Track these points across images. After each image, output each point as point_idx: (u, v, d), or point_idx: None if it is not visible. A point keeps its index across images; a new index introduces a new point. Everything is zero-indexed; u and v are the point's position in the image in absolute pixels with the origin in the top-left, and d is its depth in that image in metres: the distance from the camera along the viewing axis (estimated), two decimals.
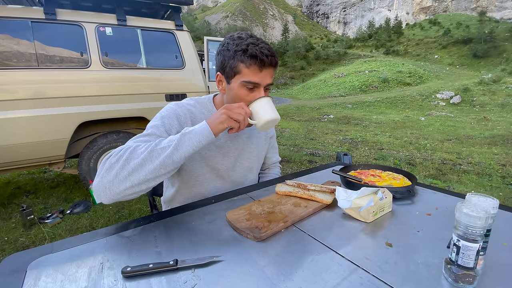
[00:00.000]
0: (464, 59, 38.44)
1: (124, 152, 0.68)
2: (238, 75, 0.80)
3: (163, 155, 0.66)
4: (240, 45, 0.77)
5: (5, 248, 1.98)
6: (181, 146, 0.68)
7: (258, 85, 0.80)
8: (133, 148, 0.68)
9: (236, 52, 0.78)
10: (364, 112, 12.08)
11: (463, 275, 0.48)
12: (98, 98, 2.50)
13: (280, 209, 0.78)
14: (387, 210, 0.78)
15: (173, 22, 2.90)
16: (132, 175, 0.65)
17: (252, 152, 1.03)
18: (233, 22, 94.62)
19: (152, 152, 0.67)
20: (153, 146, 0.68)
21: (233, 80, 0.81)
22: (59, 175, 3.54)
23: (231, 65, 0.79)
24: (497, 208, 0.52)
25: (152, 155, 0.66)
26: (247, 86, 0.80)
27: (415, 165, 4.13)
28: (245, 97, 0.81)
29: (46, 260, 0.58)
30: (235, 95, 0.82)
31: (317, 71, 39.65)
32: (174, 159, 0.67)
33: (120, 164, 0.66)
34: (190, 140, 0.69)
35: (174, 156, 0.67)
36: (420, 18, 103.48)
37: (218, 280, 0.51)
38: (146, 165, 0.66)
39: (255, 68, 0.78)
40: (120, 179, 0.65)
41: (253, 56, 0.76)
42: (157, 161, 0.66)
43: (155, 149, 0.67)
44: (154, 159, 0.66)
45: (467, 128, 8.07)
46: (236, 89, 0.81)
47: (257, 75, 0.79)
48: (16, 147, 2.22)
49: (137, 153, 0.67)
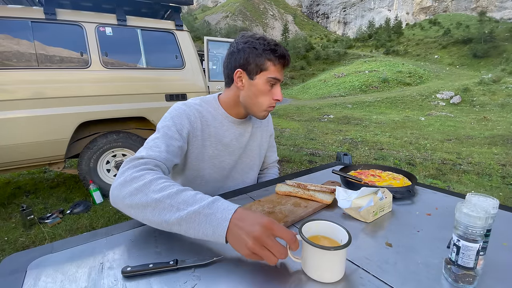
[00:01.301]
0: (464, 59, 38.45)
1: (142, 175, 0.62)
2: (264, 72, 0.86)
3: (165, 217, 0.56)
4: (268, 45, 0.84)
5: (5, 248, 1.98)
6: (186, 223, 0.55)
7: (278, 81, 0.88)
8: (152, 179, 0.61)
9: (265, 51, 0.84)
10: (364, 112, 12.08)
11: (463, 275, 0.48)
12: (98, 98, 2.50)
13: (280, 209, 0.78)
14: (387, 210, 0.78)
15: (173, 22, 2.90)
16: (133, 209, 0.60)
17: (254, 150, 1.05)
18: (233, 22, 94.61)
19: (158, 203, 0.57)
20: (166, 195, 0.58)
21: (257, 76, 0.86)
22: (59, 175, 3.54)
23: (258, 62, 0.85)
24: (497, 208, 0.52)
25: (157, 205, 0.57)
26: (271, 82, 0.87)
27: (415, 165, 4.13)
28: (267, 92, 0.88)
29: (46, 260, 0.58)
30: (258, 90, 0.87)
31: (317, 71, 39.64)
32: (172, 228, 0.57)
33: (130, 190, 0.61)
34: (200, 225, 0.54)
35: (173, 227, 0.57)
36: (420, 18, 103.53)
37: (218, 280, 0.51)
38: (147, 212, 0.58)
39: (280, 66, 0.87)
40: (124, 204, 0.61)
41: (282, 56, 0.85)
42: (156, 217, 0.57)
43: (163, 202, 0.57)
44: (156, 213, 0.57)
45: (467, 128, 8.07)
46: (261, 85, 0.87)
47: (280, 72, 0.88)
48: (16, 147, 2.22)
49: (150, 188, 0.60)
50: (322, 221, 0.58)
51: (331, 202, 0.82)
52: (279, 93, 0.89)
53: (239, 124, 0.98)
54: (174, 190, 0.59)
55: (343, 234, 0.53)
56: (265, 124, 1.12)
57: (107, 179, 2.80)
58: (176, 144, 0.81)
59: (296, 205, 0.80)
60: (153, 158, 0.71)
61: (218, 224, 0.52)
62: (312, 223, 0.57)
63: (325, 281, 0.50)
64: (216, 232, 0.52)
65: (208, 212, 0.54)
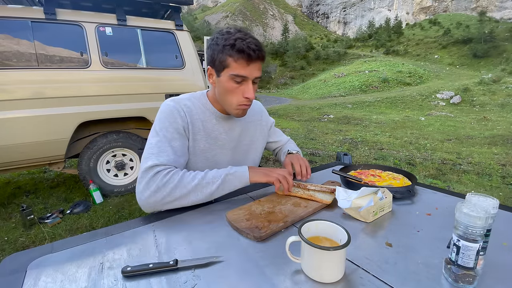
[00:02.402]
0: (464, 59, 38.44)
1: (171, 177, 0.77)
2: (226, 69, 0.83)
3: (207, 192, 0.79)
4: (229, 40, 0.80)
5: (5, 248, 1.98)
6: (222, 186, 0.80)
7: (246, 78, 0.83)
8: (180, 177, 0.78)
9: (225, 47, 0.80)
10: (364, 112, 12.07)
11: (463, 275, 0.48)
12: (98, 98, 2.50)
13: (280, 209, 0.78)
14: (387, 210, 0.78)
15: (173, 22, 2.90)
16: (177, 201, 0.77)
17: (248, 144, 1.05)
18: (233, 22, 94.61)
19: (197, 186, 0.78)
20: (199, 179, 0.79)
21: (222, 73, 0.84)
22: (59, 175, 3.54)
23: (220, 59, 0.82)
24: (497, 208, 0.52)
25: (197, 188, 0.78)
26: (235, 80, 0.83)
27: (415, 165, 4.13)
28: (234, 90, 0.85)
29: (46, 260, 0.58)
30: (224, 87, 0.85)
31: (317, 71, 39.65)
32: (214, 195, 0.80)
33: (168, 191, 0.76)
34: (230, 182, 0.81)
35: (215, 194, 0.80)
36: (420, 18, 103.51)
37: (218, 280, 0.51)
38: (191, 196, 0.78)
39: (243, 62, 0.80)
40: (165, 202, 0.77)
41: (241, 51, 0.79)
42: (201, 195, 0.78)
43: (201, 184, 0.78)
44: (199, 193, 0.78)
45: (467, 128, 8.07)
46: (225, 82, 0.84)
47: (245, 69, 0.81)
48: (16, 147, 2.22)
49: (184, 182, 0.77)
50: (322, 221, 0.58)
51: (331, 202, 0.82)
52: (249, 90, 0.84)
53: (227, 119, 0.98)
54: (202, 173, 0.81)
55: (343, 234, 0.53)
56: (258, 118, 1.10)
57: (107, 179, 2.80)
58: (178, 144, 0.85)
59: (296, 205, 0.80)
60: (166, 163, 0.80)
61: (241, 175, 0.83)
62: (311, 223, 0.57)
63: (325, 281, 0.50)
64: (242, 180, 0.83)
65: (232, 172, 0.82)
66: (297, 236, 0.53)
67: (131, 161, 2.89)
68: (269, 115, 1.20)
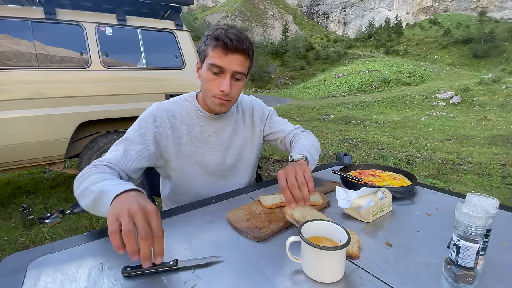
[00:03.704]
0: (464, 59, 38.45)
1: (88, 171, 0.70)
2: (206, 58, 0.83)
3: (85, 201, 0.64)
4: (211, 31, 0.81)
5: (5, 248, 1.98)
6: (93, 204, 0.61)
7: (223, 69, 0.81)
8: (92, 174, 0.68)
9: (207, 37, 0.81)
10: (364, 112, 12.07)
11: (463, 275, 0.48)
12: (98, 98, 2.50)
13: (280, 209, 0.78)
14: (387, 210, 0.78)
15: (173, 22, 2.90)
16: (79, 199, 0.67)
17: (241, 143, 1.01)
18: (233, 22, 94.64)
19: (85, 191, 0.64)
20: (89, 183, 0.64)
21: (203, 64, 0.84)
22: (59, 175, 3.54)
23: (202, 49, 0.83)
24: (497, 208, 0.52)
25: (84, 193, 0.64)
26: (212, 70, 0.81)
27: (415, 165, 4.13)
28: (211, 81, 0.83)
29: (46, 260, 0.58)
30: (203, 78, 0.85)
31: (317, 71, 39.66)
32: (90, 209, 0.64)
33: (76, 184, 0.69)
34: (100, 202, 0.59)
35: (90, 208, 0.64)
36: (420, 18, 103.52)
37: (218, 280, 0.51)
38: (81, 200, 0.66)
39: (219, 51, 0.79)
40: (76, 195, 0.68)
41: (217, 39, 0.78)
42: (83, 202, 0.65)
43: (87, 189, 0.64)
44: (83, 199, 0.65)
45: (467, 128, 8.07)
46: (204, 72, 0.84)
47: (221, 59, 0.79)
48: (16, 147, 2.22)
49: (85, 182, 0.66)
50: (322, 221, 0.58)
51: (321, 202, 0.81)
52: (224, 83, 0.80)
53: (216, 119, 0.95)
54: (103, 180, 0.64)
55: (343, 234, 0.53)
56: (249, 111, 1.04)
57: None
58: (135, 148, 0.82)
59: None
60: (107, 161, 0.76)
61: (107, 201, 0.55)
62: (311, 223, 0.57)
63: (325, 281, 0.50)
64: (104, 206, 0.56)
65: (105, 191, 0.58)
66: (297, 236, 0.53)
67: None
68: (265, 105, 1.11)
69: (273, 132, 1.08)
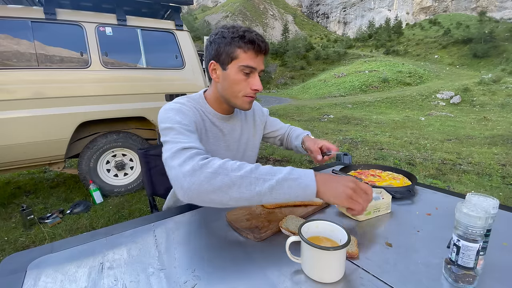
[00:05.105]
0: (464, 59, 38.45)
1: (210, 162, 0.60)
2: (235, 60, 0.82)
3: (254, 189, 0.57)
4: (237, 32, 0.80)
5: (5, 248, 1.98)
6: (276, 190, 0.57)
7: (254, 69, 0.83)
8: (222, 163, 0.60)
9: (233, 39, 0.80)
10: (364, 112, 12.07)
11: (463, 275, 0.48)
12: (98, 98, 2.50)
13: (280, 209, 0.78)
14: (384, 211, 0.78)
15: (173, 22, 2.90)
16: (215, 194, 0.57)
17: (246, 142, 1.04)
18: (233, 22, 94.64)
19: (244, 178, 0.57)
20: (247, 171, 0.58)
21: (229, 66, 0.83)
22: (59, 175, 3.54)
23: (228, 51, 0.81)
24: (497, 208, 0.52)
25: (243, 181, 0.57)
26: (244, 71, 0.82)
27: (415, 165, 4.13)
28: (241, 82, 0.83)
29: (46, 260, 0.58)
30: (232, 80, 0.83)
31: (317, 71, 39.67)
32: (262, 197, 0.57)
33: (205, 175, 0.58)
34: (290, 189, 0.57)
35: (264, 196, 0.57)
36: (420, 18, 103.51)
37: (218, 280, 0.51)
38: (233, 190, 0.57)
39: (252, 53, 0.81)
40: (202, 190, 0.57)
41: (251, 41, 0.80)
42: (246, 191, 0.57)
43: (248, 177, 0.58)
44: (243, 188, 0.57)
45: (467, 128, 8.07)
46: (233, 75, 0.83)
47: (254, 60, 0.82)
48: (16, 147, 2.22)
49: (226, 170, 0.58)
50: (322, 221, 0.58)
51: (321, 202, 0.81)
52: (256, 82, 0.83)
53: (227, 119, 0.96)
54: (251, 165, 0.61)
55: (343, 234, 0.53)
56: (250, 116, 1.07)
57: (107, 179, 2.80)
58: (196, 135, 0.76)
59: (296, 205, 0.80)
60: (198, 147, 0.67)
61: (307, 185, 0.58)
62: (311, 223, 0.57)
63: (325, 281, 0.50)
64: (307, 191, 0.58)
65: (294, 177, 0.58)
66: (297, 236, 0.53)
67: (131, 161, 2.89)
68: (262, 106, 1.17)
69: (273, 131, 1.15)
